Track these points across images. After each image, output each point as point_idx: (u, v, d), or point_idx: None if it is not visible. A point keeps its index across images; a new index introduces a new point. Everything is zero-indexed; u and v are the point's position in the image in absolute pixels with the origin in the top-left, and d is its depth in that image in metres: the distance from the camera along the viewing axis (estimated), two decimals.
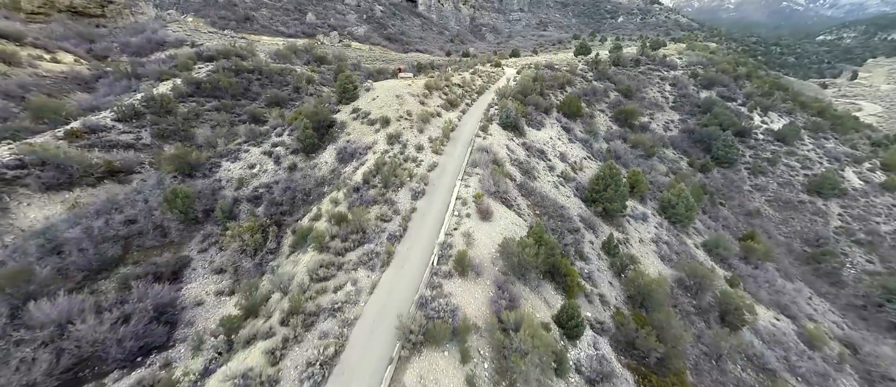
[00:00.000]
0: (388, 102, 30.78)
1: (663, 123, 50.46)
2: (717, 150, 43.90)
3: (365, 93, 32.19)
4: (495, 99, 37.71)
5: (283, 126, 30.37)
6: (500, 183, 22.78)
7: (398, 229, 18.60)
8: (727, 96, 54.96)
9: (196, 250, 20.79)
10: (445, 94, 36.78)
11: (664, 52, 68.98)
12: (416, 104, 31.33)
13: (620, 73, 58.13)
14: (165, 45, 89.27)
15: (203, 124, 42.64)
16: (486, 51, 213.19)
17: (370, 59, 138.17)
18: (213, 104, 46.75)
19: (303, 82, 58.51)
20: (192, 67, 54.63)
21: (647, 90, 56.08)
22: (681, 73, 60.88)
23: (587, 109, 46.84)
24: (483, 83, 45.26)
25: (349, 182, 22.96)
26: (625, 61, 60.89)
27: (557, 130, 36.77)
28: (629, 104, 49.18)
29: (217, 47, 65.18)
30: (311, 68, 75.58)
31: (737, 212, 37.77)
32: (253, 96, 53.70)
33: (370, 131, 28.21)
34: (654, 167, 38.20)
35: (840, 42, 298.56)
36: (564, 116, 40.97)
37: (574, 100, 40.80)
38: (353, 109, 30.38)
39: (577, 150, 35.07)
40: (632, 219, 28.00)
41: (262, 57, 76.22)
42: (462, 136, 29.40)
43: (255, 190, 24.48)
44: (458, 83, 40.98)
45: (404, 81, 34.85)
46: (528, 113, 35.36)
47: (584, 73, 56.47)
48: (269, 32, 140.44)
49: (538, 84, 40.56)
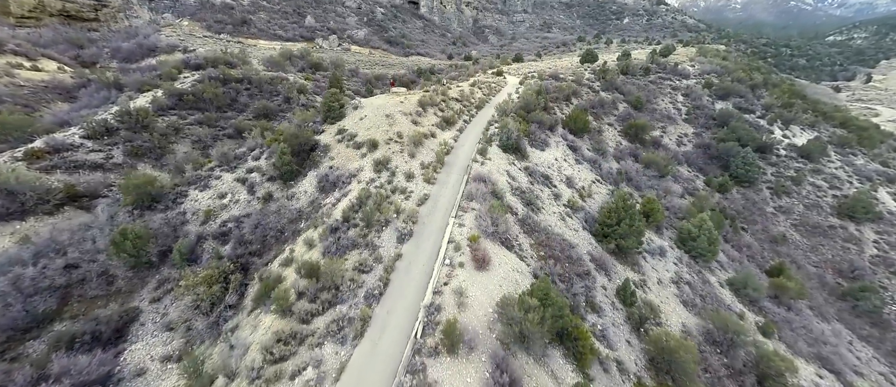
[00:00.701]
0: (377, 122, 28.21)
1: (676, 138, 47.62)
2: (736, 167, 41.01)
3: (352, 111, 29.67)
4: (496, 115, 35.08)
5: (261, 148, 27.84)
6: (499, 221, 20.06)
7: (378, 284, 15.92)
8: (745, 108, 52.04)
9: (148, 300, 18.20)
10: (441, 110, 34.20)
11: (675, 60, 66.20)
12: (407, 124, 28.74)
13: (629, 83, 55.40)
14: (157, 51, 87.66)
15: (183, 140, 40.33)
16: (489, 54, 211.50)
17: (369, 64, 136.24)
18: (195, 117, 44.45)
19: (294, 92, 56.19)
20: (176, 77, 52.47)
21: (658, 101, 53.30)
22: (694, 83, 58.05)
23: (595, 124, 44.10)
24: (483, 96, 42.67)
25: (327, 219, 20.34)
26: (634, 70, 58.18)
27: (563, 149, 34.05)
28: (640, 118, 46.41)
29: (206, 55, 63.13)
30: (306, 76, 73.37)
31: (760, 238, 34.81)
32: (240, 108, 51.42)
33: (356, 156, 25.64)
34: (669, 190, 35.36)
35: (851, 43, 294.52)
36: (570, 133, 38.26)
37: (581, 115, 38.09)
38: (338, 130, 27.83)
39: (585, 172, 32.32)
40: (648, 254, 25.17)
41: (255, 64, 74.18)
42: (458, 160, 26.75)
43: (223, 225, 21.90)
44: (455, 97, 38.41)
45: (397, 97, 32.32)
46: (532, 132, 32.70)
47: (591, 82, 53.77)
48: (267, 36, 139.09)
49: (542, 98, 37.92)
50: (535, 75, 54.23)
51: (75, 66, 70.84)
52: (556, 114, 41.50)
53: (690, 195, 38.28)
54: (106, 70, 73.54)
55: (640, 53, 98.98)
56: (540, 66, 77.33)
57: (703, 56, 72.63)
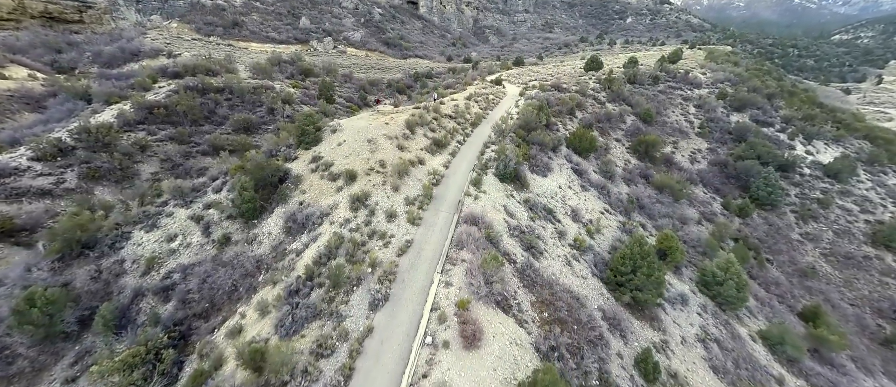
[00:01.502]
0: (357, 148, 25.03)
1: (689, 154, 44.42)
2: (757, 189, 37.79)
3: (330, 135, 26.48)
4: (493, 136, 31.89)
5: (225, 177, 24.65)
6: (494, 277, 16.86)
7: (338, 379, 12.68)
8: (762, 121, 48.85)
9: (60, 381, 14.96)
10: (432, 130, 31.02)
11: (685, 67, 63.00)
12: (392, 150, 25.54)
13: (637, 93, 52.23)
14: (140, 56, 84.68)
15: (150, 158, 37.22)
16: (489, 55, 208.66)
17: (365, 68, 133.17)
18: (167, 133, 41.29)
19: (278, 103, 53.02)
20: (151, 87, 49.29)
21: (669, 113, 50.13)
22: (706, 92, 54.87)
23: (601, 140, 40.91)
24: (479, 111, 39.51)
25: (288, 275, 17.13)
26: (642, 78, 55.02)
27: (567, 173, 30.85)
28: (649, 133, 43.24)
29: (186, 62, 59.97)
30: (294, 83, 70.17)
31: (788, 271, 31.57)
32: (218, 120, 48.25)
33: (331, 190, 22.45)
34: (685, 218, 32.16)
35: (857, 42, 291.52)
36: (575, 153, 35.06)
37: (586, 134, 34.91)
38: (313, 158, 24.65)
39: (593, 200, 29.10)
40: (668, 304, 21.94)
41: (241, 71, 71.05)
42: (448, 192, 23.55)
43: (166, 277, 18.70)
44: (448, 114, 35.25)
45: (381, 118, 29.16)
46: (532, 156, 29.51)
47: (596, 92, 50.61)
48: (259, 39, 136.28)
49: (543, 115, 34.75)
50: (535, 85, 51.07)
51: (50, 72, 67.80)
52: (558, 130, 38.33)
53: (708, 221, 35.07)
54: (83, 76, 70.65)
55: (646, 56, 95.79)
56: (541, 72, 74.19)
57: (713, 62, 69.48)
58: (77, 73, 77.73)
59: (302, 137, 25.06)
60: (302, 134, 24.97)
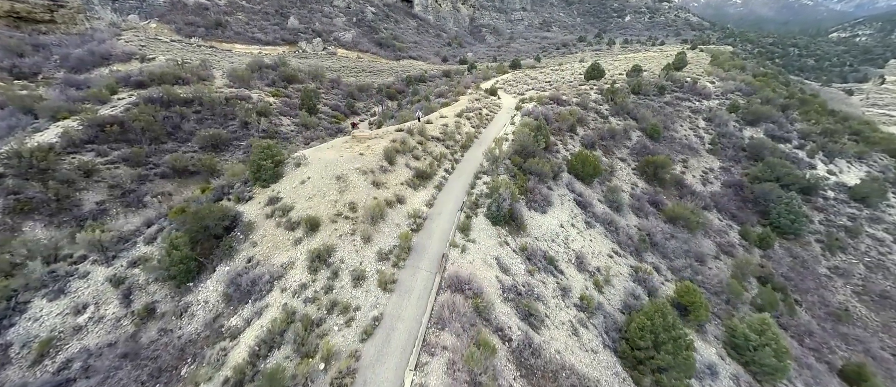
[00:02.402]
0: (323, 187, 21.26)
1: (700, 174, 41.07)
2: (777, 216, 34.52)
3: (293, 170, 22.63)
4: (485, 163, 28.21)
5: (163, 222, 20.77)
6: (483, 375, 13.20)
7: None
8: (778, 136, 45.69)
9: None
10: (416, 158, 27.30)
11: (692, 75, 59.73)
12: (365, 188, 21.81)
13: (642, 105, 48.91)
14: (111, 60, 79.97)
15: (97, 185, 33.10)
16: (486, 56, 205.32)
17: (355, 71, 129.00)
18: (120, 152, 37.17)
19: (253, 116, 48.95)
20: (108, 99, 45.07)
21: (677, 127, 46.82)
22: (716, 104, 51.65)
23: (606, 161, 37.48)
24: (471, 130, 35.84)
25: (213, 378, 13.32)
26: (646, 88, 51.66)
27: (570, 207, 27.27)
28: (657, 151, 39.96)
29: (153, 69, 55.64)
30: (275, 91, 65.98)
31: (819, 313, 28.24)
32: (184, 137, 44.13)
33: (287, 242, 18.68)
34: (702, 255, 28.76)
35: (855, 40, 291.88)
36: (578, 179, 31.55)
37: (590, 157, 31.43)
38: (270, 199, 20.82)
39: (599, 239, 25.55)
40: (695, 380, 18.38)
41: (218, 78, 66.81)
42: (431, 243, 19.85)
43: (64, 367, 14.81)
44: (437, 136, 31.55)
45: (356, 147, 25.38)
46: (530, 188, 25.88)
47: (598, 104, 47.19)
48: (244, 40, 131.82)
49: (542, 137, 31.17)
50: (533, 97, 47.50)
51: (8, 79, 63.16)
52: (558, 152, 34.80)
53: (727, 254, 31.71)
54: (47, 83, 66.01)
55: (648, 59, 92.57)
56: (539, 78, 70.73)
57: (720, 68, 66.35)
58: (40, 79, 73.08)
59: (258, 174, 21.23)
60: (258, 170, 21.14)
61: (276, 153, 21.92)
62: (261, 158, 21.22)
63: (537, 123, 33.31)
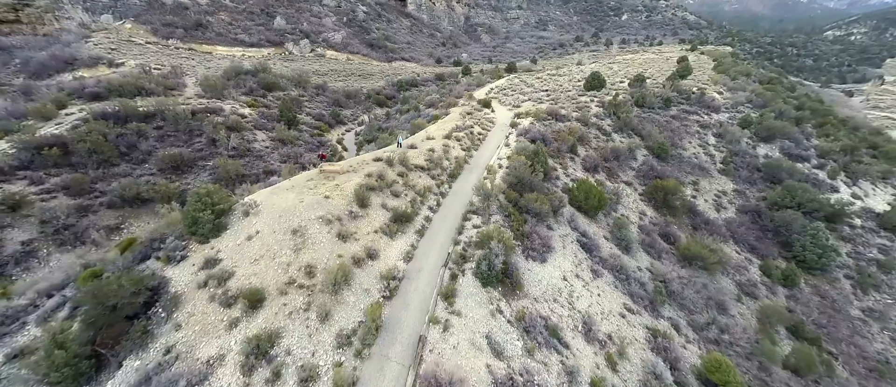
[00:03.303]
0: (274, 244, 17.57)
1: (713, 198, 37.96)
2: (802, 248, 31.48)
3: (241, 220, 18.85)
4: (476, 200, 24.67)
5: (70, 288, 16.92)
6: None
7: None
8: (795, 154, 42.74)
9: None
10: (396, 195, 23.70)
11: (699, 84, 56.73)
12: (329, 243, 18.18)
13: (647, 120, 45.77)
14: (76, 64, 75.27)
15: (24, 220, 29.00)
16: (481, 56, 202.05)
17: (344, 74, 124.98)
18: (60, 179, 33.03)
19: (221, 133, 44.91)
20: (53, 114, 40.81)
21: (686, 144, 43.73)
22: (726, 118, 48.67)
23: (610, 185, 34.21)
24: (462, 153, 32.32)
25: None
26: (651, 100, 48.53)
27: (573, 250, 23.86)
28: (666, 176, 36.73)
29: (112, 78, 51.20)
30: (251, 101, 61.84)
31: (857, 368, 25.14)
32: (140, 157, 40.00)
33: (220, 324, 14.98)
34: (724, 303, 25.54)
35: (851, 38, 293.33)
36: (580, 212, 28.19)
37: (594, 189, 28.12)
38: (206, 261, 17.08)
39: (609, 292, 22.16)
40: None
41: (190, 87, 62.57)
42: (405, 318, 16.28)
43: None
44: (420, 164, 27.97)
45: (322, 188, 21.68)
46: (527, 233, 22.40)
47: (600, 119, 43.95)
48: (227, 41, 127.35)
49: (540, 165, 27.74)
50: (530, 111, 44.10)
51: None
52: (558, 178, 31.42)
53: (748, 295, 28.54)
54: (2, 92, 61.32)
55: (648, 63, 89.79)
56: (536, 85, 67.47)
57: (726, 75, 63.54)
58: None
59: (194, 228, 17.48)
60: (193, 224, 17.37)
61: (218, 201, 18.14)
62: (197, 209, 17.44)
63: (535, 148, 29.87)
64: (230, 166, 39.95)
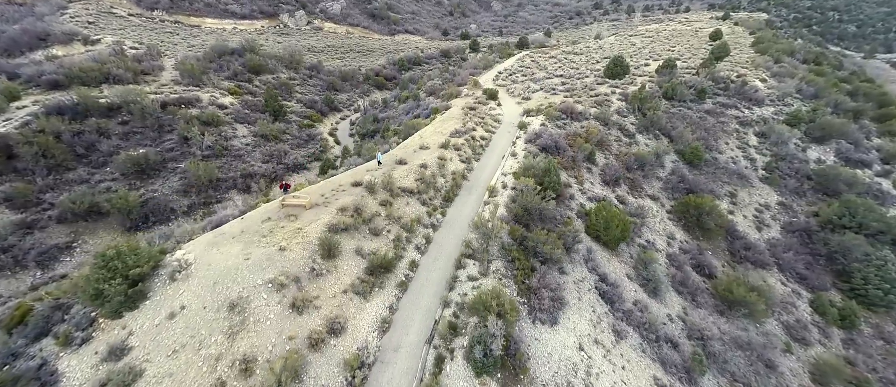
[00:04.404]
0: (202, 326, 13.76)
1: (753, 213, 33.12)
2: (863, 281, 26.94)
3: (166, 286, 14.94)
4: (473, 238, 20.37)
5: None
6: None
7: None
8: (854, 159, 37.04)
9: None
10: (375, 233, 19.58)
11: (738, 70, 49.99)
12: (278, 320, 14.32)
13: (677, 116, 40.19)
14: (49, 40, 70.51)
15: None
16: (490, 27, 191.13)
17: (342, 51, 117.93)
18: (3, 189, 29.42)
19: (194, 129, 40.49)
20: (4, 108, 36.67)
21: (722, 145, 38.31)
22: (771, 114, 42.59)
23: (632, 201, 29.57)
24: (460, 166, 27.73)
25: None
26: (681, 92, 42.57)
27: (591, 302, 19.75)
28: (699, 188, 31.90)
29: (73, 63, 46.23)
30: (233, 88, 56.93)
31: None
32: (100, 159, 36.11)
33: None
34: (772, 362, 21.45)
35: None
36: (598, 243, 23.86)
37: (616, 216, 23.66)
38: (111, 350, 13.36)
39: (635, 363, 18.19)
40: None
41: (167, 71, 57.62)
42: None
43: None
44: (410, 187, 23.57)
45: (279, 233, 17.59)
46: (534, 287, 18.25)
47: (622, 116, 38.56)
48: (216, 13, 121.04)
49: (552, 180, 23.20)
50: (541, 106, 38.79)
51: None
52: (573, 197, 26.85)
53: (799, 342, 24.41)
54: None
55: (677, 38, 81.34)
56: (549, 68, 61.13)
57: (768, 56, 56.34)
58: None
59: (100, 300, 13.68)
60: (97, 297, 13.56)
61: (135, 263, 14.20)
62: (101, 278, 13.53)
63: (545, 165, 25.13)
64: (203, 170, 36.01)
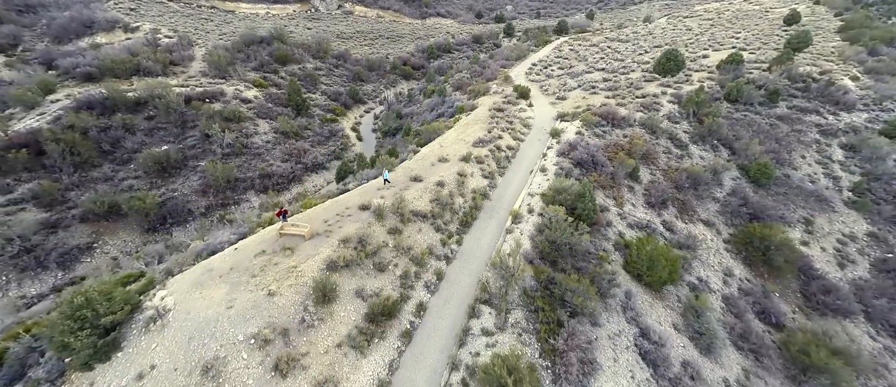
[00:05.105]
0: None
1: (834, 246, 27.97)
2: None
3: (142, 334, 13.59)
4: (491, 281, 17.76)
5: None
6: None
7: None
8: None
9: None
10: (380, 268, 17.51)
11: (823, 69, 42.59)
12: (258, 385, 12.54)
13: (739, 123, 34.79)
14: (93, 27, 73.56)
15: None
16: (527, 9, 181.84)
17: (371, 37, 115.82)
18: (29, 187, 30.06)
19: (215, 126, 39.97)
20: (37, 101, 37.56)
21: (795, 159, 32.71)
22: (864, 120, 35.82)
23: (682, 227, 25.59)
24: (483, 184, 24.90)
25: None
26: (749, 93, 36.72)
27: (629, 365, 16.82)
28: (766, 215, 27.25)
29: (106, 54, 46.78)
30: (259, 79, 56.38)
31: None
32: (125, 156, 36.45)
33: None
34: None
35: None
36: (640, 284, 20.51)
37: (663, 255, 20.18)
38: None
39: None
40: None
41: (196, 62, 57.95)
42: None
43: None
44: (423, 210, 21.20)
45: (272, 271, 15.87)
46: (559, 349, 15.49)
47: (673, 122, 33.81)
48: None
49: (586, 212, 19.97)
50: (577, 113, 34.75)
51: None
52: (610, 224, 23.40)
53: None
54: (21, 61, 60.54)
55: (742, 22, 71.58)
56: (588, 61, 55.75)
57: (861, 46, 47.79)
58: (20, 52, 67.76)
59: (66, 353, 12.52)
60: (62, 349, 12.39)
61: (107, 310, 12.91)
62: (68, 329, 12.29)
63: (579, 189, 21.78)
64: (221, 171, 35.53)
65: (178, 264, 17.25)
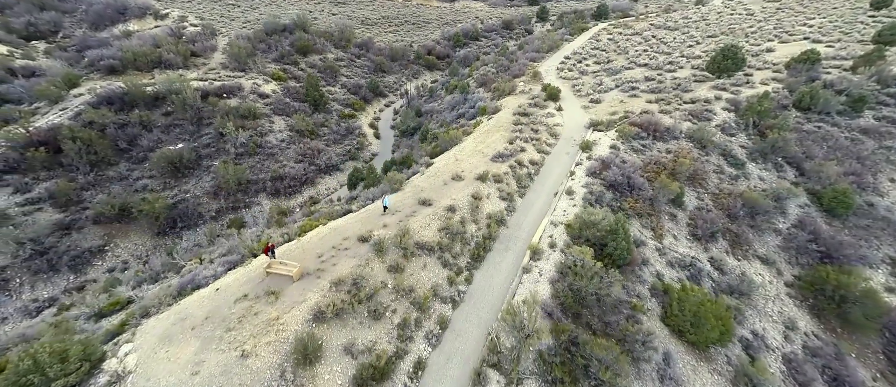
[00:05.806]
0: None
1: None
2: None
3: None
4: (501, 340, 15.33)
5: None
6: None
7: None
8: None
9: None
10: (376, 316, 15.48)
11: None
12: None
13: (815, 132, 29.74)
14: (126, 14, 75.04)
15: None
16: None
17: (396, 23, 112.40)
18: (45, 187, 30.22)
19: (230, 124, 39.02)
20: (60, 96, 37.78)
21: (883, 184, 27.54)
22: None
23: (736, 267, 21.87)
24: (499, 209, 22.18)
25: None
26: (826, 100, 31.25)
27: None
28: (841, 255, 22.94)
29: (128, 47, 46.58)
30: (278, 72, 55.13)
31: None
32: (140, 155, 36.25)
33: None
34: None
35: None
36: (681, 341, 17.43)
37: (711, 311, 16.95)
38: None
39: None
40: None
41: (218, 53, 57.41)
42: None
43: None
44: (429, 242, 18.89)
45: (246, 328, 14.14)
46: None
47: (728, 133, 29.31)
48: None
49: (619, 250, 16.96)
50: (613, 122, 30.85)
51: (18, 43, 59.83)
52: (647, 262, 20.17)
53: None
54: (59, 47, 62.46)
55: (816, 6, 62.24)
56: (629, 54, 50.39)
57: None
58: (60, 38, 69.89)
59: None
60: None
61: (60, 373, 11.54)
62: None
63: (611, 224, 18.60)
64: (232, 173, 34.67)
65: (157, 303, 15.96)
